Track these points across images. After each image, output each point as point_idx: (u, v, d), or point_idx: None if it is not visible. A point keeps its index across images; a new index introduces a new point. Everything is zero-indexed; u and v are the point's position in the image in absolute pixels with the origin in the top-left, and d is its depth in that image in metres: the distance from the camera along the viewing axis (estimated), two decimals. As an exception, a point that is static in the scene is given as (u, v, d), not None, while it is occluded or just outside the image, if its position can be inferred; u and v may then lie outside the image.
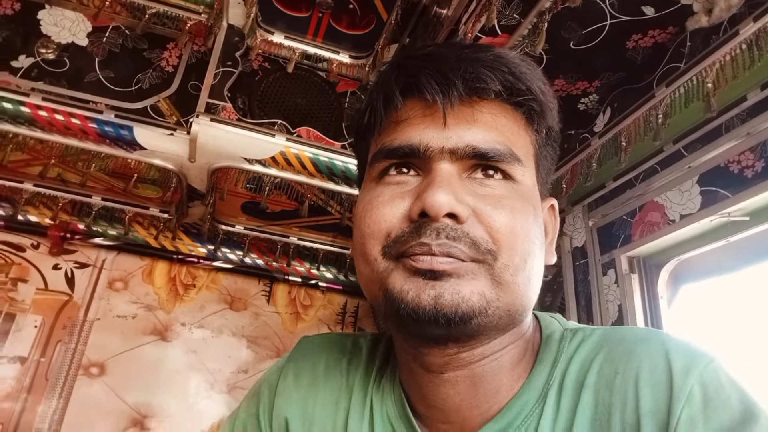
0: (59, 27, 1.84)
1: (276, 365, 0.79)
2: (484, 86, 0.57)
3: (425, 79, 0.57)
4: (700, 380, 0.50)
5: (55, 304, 2.27)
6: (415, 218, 0.55)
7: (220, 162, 1.80)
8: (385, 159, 0.61)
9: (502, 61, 0.59)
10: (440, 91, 0.57)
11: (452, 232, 0.54)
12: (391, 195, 0.59)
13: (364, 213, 0.60)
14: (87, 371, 2.22)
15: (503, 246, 0.55)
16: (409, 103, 0.60)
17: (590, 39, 1.34)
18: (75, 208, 2.30)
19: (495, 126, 0.59)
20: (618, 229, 1.53)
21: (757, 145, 1.14)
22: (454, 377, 0.58)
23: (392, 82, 0.61)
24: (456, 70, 0.57)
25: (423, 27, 1.70)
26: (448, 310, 0.52)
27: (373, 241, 0.57)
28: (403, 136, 0.59)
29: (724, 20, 1.18)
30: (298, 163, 1.77)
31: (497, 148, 0.58)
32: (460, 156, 0.57)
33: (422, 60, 0.61)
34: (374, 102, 0.63)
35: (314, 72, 2.02)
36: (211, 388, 2.35)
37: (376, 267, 0.57)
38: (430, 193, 0.54)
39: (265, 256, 2.56)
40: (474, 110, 0.59)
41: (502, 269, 0.54)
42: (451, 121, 0.58)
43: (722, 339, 1.31)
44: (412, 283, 0.54)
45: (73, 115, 1.69)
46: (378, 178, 0.61)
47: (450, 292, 0.52)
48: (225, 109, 1.79)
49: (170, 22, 1.89)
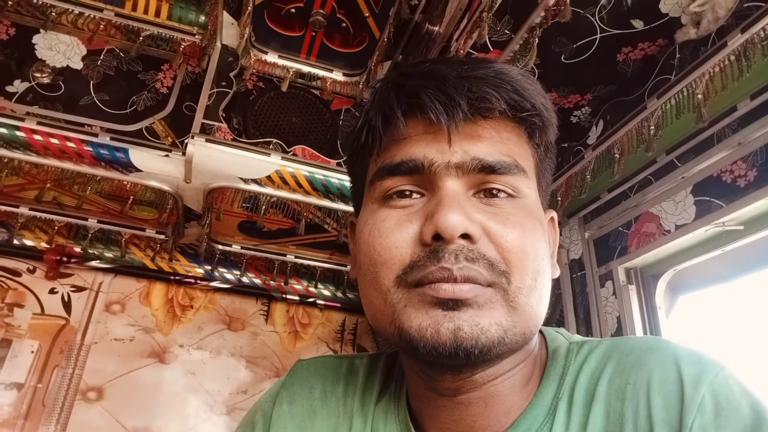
0: (54, 51, 1.85)
1: (269, 392, 0.77)
2: (488, 106, 0.57)
3: (428, 100, 0.56)
4: (711, 389, 0.50)
5: (51, 328, 2.26)
6: (428, 241, 0.54)
7: (215, 182, 1.80)
8: (388, 176, 0.59)
9: (504, 78, 0.58)
10: (444, 111, 0.55)
11: (469, 253, 0.53)
12: (398, 219, 0.57)
13: (371, 240, 0.58)
14: (85, 396, 2.19)
15: (515, 267, 0.54)
16: (410, 122, 0.59)
17: (581, 53, 1.35)
18: (71, 231, 2.30)
19: (498, 139, 0.59)
20: (614, 241, 1.53)
21: (749, 154, 1.15)
22: (467, 399, 0.58)
23: (392, 101, 0.59)
24: (459, 89, 0.56)
25: (415, 44, 1.72)
26: (468, 343, 0.50)
27: (386, 270, 0.55)
28: (406, 152, 0.58)
29: (712, 32, 1.19)
30: (294, 181, 1.78)
31: (504, 160, 0.57)
32: (467, 170, 0.56)
33: (422, 79, 0.59)
34: (372, 121, 0.61)
35: (308, 90, 2.04)
36: (211, 410, 2.33)
37: (389, 299, 0.55)
38: (442, 214, 0.53)
39: (263, 275, 2.55)
40: (477, 126, 0.58)
41: (516, 293, 0.53)
42: (455, 137, 0.57)
43: (721, 348, 1.31)
44: (430, 318, 0.52)
45: (69, 139, 1.69)
46: (381, 200, 0.60)
47: (469, 323, 0.51)
48: (220, 129, 1.80)
49: (164, 44, 1.91)
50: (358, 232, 0.62)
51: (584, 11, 1.23)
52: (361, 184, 0.67)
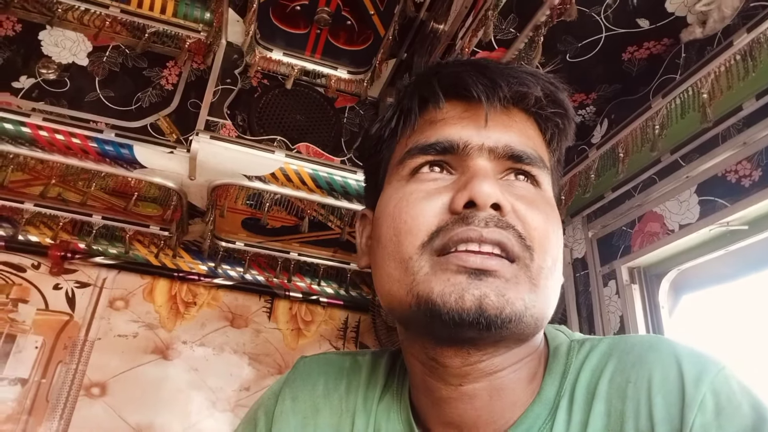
0: (60, 47, 1.86)
1: (272, 389, 0.77)
2: (526, 90, 0.60)
3: (471, 80, 0.59)
4: (711, 388, 0.50)
5: (55, 324, 2.27)
6: (458, 210, 0.55)
7: (220, 179, 1.80)
8: (420, 154, 0.60)
9: (540, 73, 0.62)
10: (485, 91, 0.58)
11: (500, 222, 0.54)
12: (427, 191, 0.58)
13: (397, 210, 0.58)
14: (88, 392, 2.20)
15: (538, 246, 0.55)
16: (447, 105, 0.62)
17: (586, 51, 1.35)
18: (75, 227, 2.30)
19: (526, 134, 0.61)
20: (618, 240, 1.53)
21: (754, 154, 1.15)
22: (472, 390, 0.57)
23: (433, 83, 0.62)
24: (501, 75, 0.60)
25: (420, 42, 1.72)
26: (492, 312, 0.50)
27: (411, 237, 0.56)
28: (441, 133, 0.60)
29: (718, 31, 1.19)
30: (298, 179, 1.78)
31: (531, 153, 0.60)
32: (498, 155, 0.59)
33: (464, 65, 0.63)
34: (407, 105, 0.64)
35: (313, 88, 2.04)
36: (213, 407, 2.33)
37: (410, 267, 0.55)
38: (477, 183, 0.54)
39: (266, 273, 2.55)
40: (509, 118, 0.61)
41: (538, 271, 0.54)
42: (491, 123, 0.59)
43: (724, 348, 1.31)
44: (453, 285, 0.52)
45: (74, 135, 1.70)
46: (409, 175, 0.61)
47: (495, 293, 0.51)
48: (224, 126, 1.80)
49: (170, 41, 1.91)
50: (380, 210, 0.62)
51: (590, 10, 1.23)
52: (383, 171, 0.67)
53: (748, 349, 1.25)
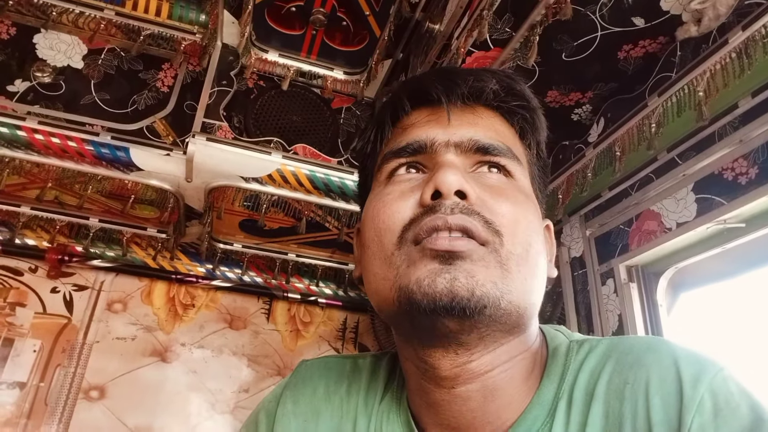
0: (55, 50, 1.86)
1: (273, 393, 0.77)
2: (482, 85, 0.64)
3: (431, 84, 0.64)
4: (710, 389, 0.50)
5: (53, 327, 2.26)
6: (427, 202, 0.57)
7: (216, 181, 1.80)
8: (394, 158, 0.65)
9: (497, 70, 0.68)
10: (444, 91, 0.63)
11: (465, 209, 0.56)
12: (401, 190, 0.61)
13: (376, 212, 0.61)
14: (87, 395, 2.20)
15: (506, 231, 0.56)
16: (415, 111, 0.67)
17: (582, 50, 1.35)
18: (72, 230, 2.30)
19: (494, 129, 0.65)
20: (615, 239, 1.53)
21: (750, 152, 1.15)
22: (466, 392, 0.57)
23: (400, 93, 0.68)
24: (459, 75, 0.65)
25: (416, 42, 1.72)
26: (463, 293, 0.52)
27: (389, 234, 0.59)
28: (410, 136, 0.65)
29: (713, 29, 1.19)
30: (295, 180, 1.78)
31: (498, 144, 0.63)
32: (465, 149, 0.62)
33: (429, 73, 0.70)
34: (381, 117, 0.69)
35: (309, 89, 2.04)
36: (213, 409, 2.33)
37: (393, 262, 0.57)
38: (440, 174, 0.57)
39: (264, 274, 2.55)
40: (475, 115, 0.65)
41: (508, 256, 0.55)
42: (455, 121, 0.63)
43: (723, 346, 1.31)
44: (427, 270, 0.54)
45: (70, 138, 1.69)
46: (387, 179, 0.65)
47: (464, 275, 0.53)
48: (221, 128, 1.80)
49: (165, 43, 1.91)
50: (364, 216, 0.65)
51: (585, 9, 1.23)
52: (370, 181, 0.71)
53: (746, 347, 1.25)
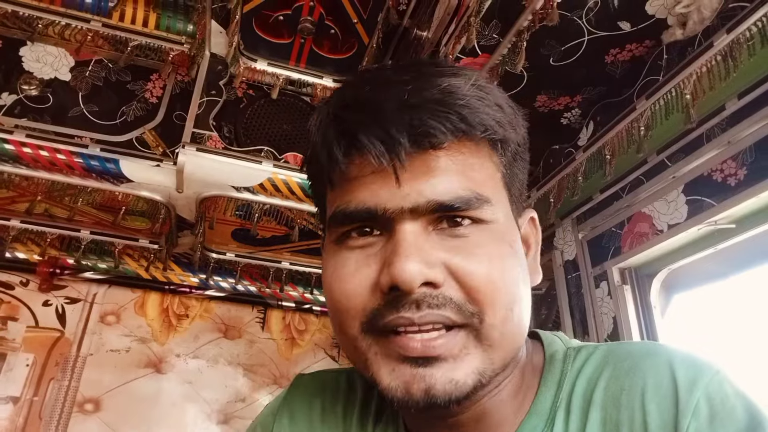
0: (41, 63, 1.84)
1: (270, 407, 0.76)
2: (433, 140, 0.52)
3: (366, 140, 0.51)
4: (705, 393, 0.50)
5: (46, 341, 2.25)
6: (386, 291, 0.51)
7: (208, 191, 1.79)
8: (344, 222, 0.55)
9: (449, 102, 0.53)
10: (386, 151, 0.51)
11: (433, 300, 0.50)
12: (356, 263, 0.54)
13: (331, 285, 0.55)
14: (81, 408, 2.18)
15: (485, 304, 0.51)
16: (356, 161, 0.54)
17: (569, 55, 1.35)
18: (63, 243, 2.29)
19: (455, 170, 0.53)
20: (608, 241, 1.53)
21: (738, 153, 1.15)
22: (458, 421, 0.58)
23: (332, 142, 0.54)
24: (399, 124, 0.51)
25: (404, 49, 1.72)
26: (441, 399, 0.49)
27: (350, 319, 0.54)
28: (358, 197, 0.54)
29: (698, 33, 1.20)
30: (287, 188, 1.77)
31: (462, 196, 0.52)
32: (422, 212, 0.52)
33: (360, 112, 0.53)
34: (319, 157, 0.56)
35: (299, 97, 2.03)
36: (209, 419, 2.32)
37: (358, 346, 0.54)
38: (398, 265, 0.49)
39: (258, 283, 2.54)
40: (428, 157, 0.53)
41: (490, 330, 0.51)
42: (406, 175, 0.52)
43: (716, 346, 1.32)
44: (398, 377, 0.51)
45: (58, 151, 1.68)
46: (338, 242, 0.56)
47: (442, 381, 0.49)
48: (211, 138, 1.79)
49: (153, 54, 1.90)
50: (323, 270, 0.59)
51: (571, 14, 1.23)
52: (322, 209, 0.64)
53: (739, 347, 1.26)
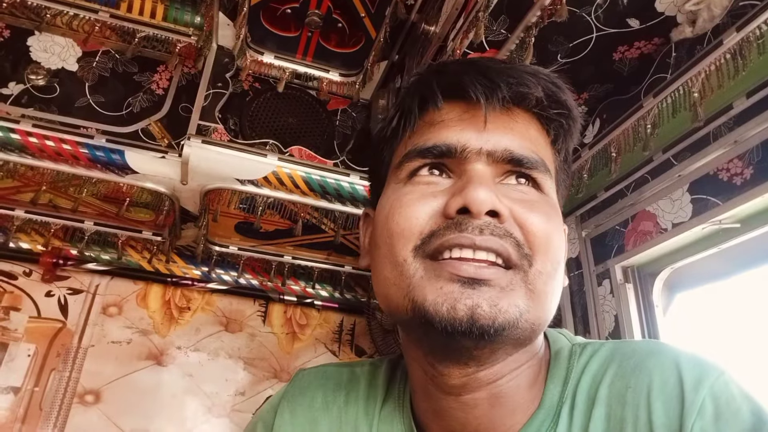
0: (49, 53, 1.85)
1: (270, 403, 0.76)
2: (526, 91, 0.58)
3: (469, 80, 0.58)
4: (711, 393, 0.50)
5: (48, 331, 2.25)
6: (452, 215, 0.54)
7: (212, 183, 1.79)
8: (418, 157, 0.59)
9: (542, 73, 0.60)
10: (484, 92, 0.57)
11: (496, 229, 0.53)
12: (422, 193, 0.57)
13: (391, 212, 0.57)
14: (82, 399, 2.18)
15: (538, 251, 0.54)
16: (446, 106, 0.60)
17: (577, 52, 1.35)
18: (67, 233, 2.28)
19: (528, 136, 0.60)
20: (611, 240, 1.53)
21: (745, 152, 1.15)
22: (473, 399, 0.57)
23: (432, 83, 0.61)
24: (500, 75, 0.58)
25: (411, 44, 1.72)
26: (485, 321, 0.50)
27: (404, 240, 0.55)
28: (439, 136, 0.59)
29: (707, 31, 1.20)
30: (291, 182, 1.77)
31: (532, 157, 0.58)
32: (497, 159, 0.57)
33: (465, 65, 0.61)
34: (407, 104, 0.62)
35: (305, 91, 2.03)
36: (209, 412, 2.32)
37: (405, 270, 0.54)
38: (472, 189, 0.53)
39: (260, 276, 2.54)
40: (510, 119, 0.59)
41: (536, 276, 0.53)
42: (490, 125, 0.58)
43: (718, 346, 1.32)
44: (445, 294, 0.51)
45: (64, 141, 1.68)
46: (407, 178, 0.60)
47: (488, 303, 0.50)
48: (216, 130, 1.79)
49: (160, 45, 1.90)
50: (378, 211, 0.62)
51: (580, 10, 1.23)
52: (384, 171, 0.67)
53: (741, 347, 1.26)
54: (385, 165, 0.67)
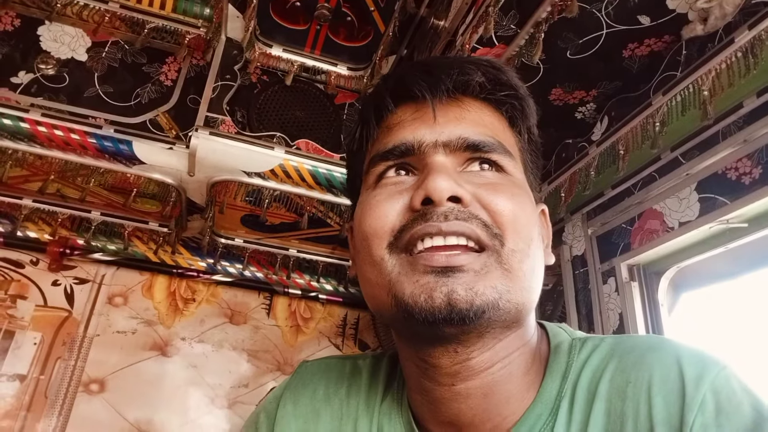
0: (59, 42, 1.85)
1: (274, 393, 0.77)
2: (468, 78, 0.61)
3: (413, 80, 0.61)
4: (712, 388, 0.50)
5: (54, 320, 2.26)
6: (417, 207, 0.56)
7: (219, 175, 1.80)
8: (381, 161, 0.62)
9: (482, 60, 0.65)
10: (428, 87, 0.60)
11: (461, 213, 0.55)
12: (389, 193, 0.60)
13: (363, 215, 0.60)
14: (87, 388, 2.20)
15: (507, 229, 0.55)
16: (400, 109, 0.64)
17: (587, 48, 1.35)
18: (74, 223, 2.30)
19: (482, 122, 0.62)
20: (617, 237, 1.53)
21: (754, 152, 1.14)
22: (466, 389, 0.58)
23: (382, 90, 0.65)
24: (442, 69, 0.62)
25: (420, 38, 1.72)
26: (462, 305, 0.51)
27: (377, 240, 0.57)
28: (397, 137, 0.62)
29: (719, 28, 1.19)
30: (297, 175, 1.78)
31: (488, 140, 0.60)
32: (454, 148, 0.60)
33: (411, 67, 0.66)
34: (365, 116, 0.66)
35: (313, 84, 2.03)
36: (212, 403, 2.33)
37: (383, 268, 0.56)
38: (431, 179, 0.55)
39: (265, 269, 2.55)
40: (461, 109, 0.62)
41: (510, 255, 0.55)
42: (441, 118, 0.60)
43: (724, 346, 1.31)
44: (421, 286, 0.53)
45: (73, 131, 1.69)
46: (375, 182, 0.62)
47: (463, 287, 0.52)
48: (224, 122, 1.79)
49: (169, 36, 1.90)
50: (355, 219, 0.64)
51: (590, 6, 1.23)
52: (358, 184, 0.69)
53: (748, 347, 1.25)
54: (358, 178, 0.70)
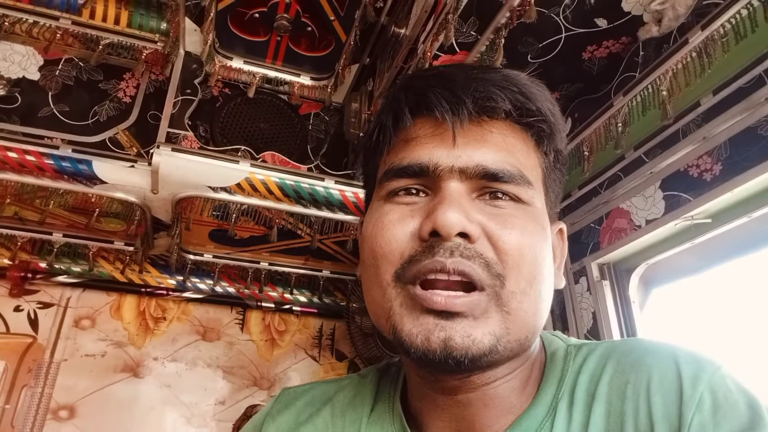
0: (9, 62, 1.80)
1: (254, 421, 0.75)
2: (494, 105, 0.57)
3: (434, 98, 0.57)
4: (709, 387, 0.51)
5: (18, 347, 2.19)
6: (425, 237, 0.54)
7: (184, 192, 1.76)
8: (395, 177, 0.60)
9: (511, 81, 0.59)
10: (450, 109, 0.56)
11: (466, 251, 0.53)
12: (401, 214, 0.58)
13: (375, 232, 0.58)
14: (56, 415, 2.13)
15: (510, 268, 0.54)
16: (418, 122, 0.60)
17: (547, 52, 1.36)
18: (35, 246, 2.23)
19: (505, 147, 0.58)
20: (587, 237, 1.54)
21: (714, 149, 1.17)
22: (467, 399, 0.58)
23: (401, 100, 0.61)
24: (466, 89, 0.57)
25: (382, 47, 1.71)
26: (458, 353, 0.51)
27: (387, 265, 0.56)
28: (413, 155, 0.59)
29: (673, 29, 1.21)
30: (264, 188, 1.75)
31: (507, 170, 0.57)
32: (470, 175, 0.56)
33: (431, 79, 0.60)
34: (383, 121, 0.63)
35: (276, 96, 2.01)
36: (188, 423, 2.29)
37: (387, 294, 0.56)
38: (441, 212, 0.53)
39: (236, 284, 2.51)
40: (484, 130, 0.58)
41: (509, 297, 0.54)
42: (461, 140, 0.57)
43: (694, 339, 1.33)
44: (420, 326, 0.53)
45: (28, 152, 1.63)
46: (387, 197, 0.60)
47: (461, 334, 0.51)
48: (186, 137, 1.76)
49: (125, 52, 1.86)
50: (364, 227, 0.63)
51: (548, 11, 1.23)
52: (372, 184, 0.68)
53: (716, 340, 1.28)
54: (372, 177, 0.68)
